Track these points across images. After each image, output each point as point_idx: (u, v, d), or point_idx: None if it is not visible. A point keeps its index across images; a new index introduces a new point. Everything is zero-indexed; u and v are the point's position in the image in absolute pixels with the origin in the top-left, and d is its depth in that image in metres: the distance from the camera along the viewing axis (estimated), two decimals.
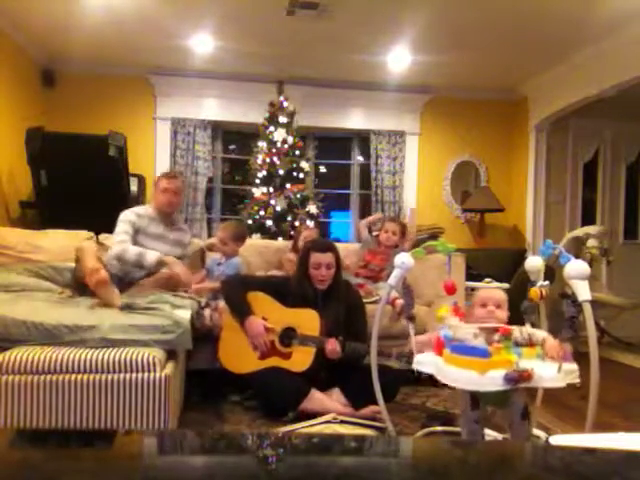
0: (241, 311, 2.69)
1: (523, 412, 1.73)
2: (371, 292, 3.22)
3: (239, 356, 2.68)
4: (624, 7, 3.64)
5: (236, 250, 3.17)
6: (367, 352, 2.37)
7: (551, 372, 1.60)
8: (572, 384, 1.64)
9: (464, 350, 1.66)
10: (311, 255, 2.67)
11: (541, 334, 1.79)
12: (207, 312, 2.81)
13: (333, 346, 2.51)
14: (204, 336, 2.66)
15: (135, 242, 2.83)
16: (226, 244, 3.13)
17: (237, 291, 2.76)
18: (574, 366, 1.65)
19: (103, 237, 3.17)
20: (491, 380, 1.57)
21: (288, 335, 2.63)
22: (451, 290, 2.02)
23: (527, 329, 1.82)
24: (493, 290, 1.91)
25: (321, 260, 2.65)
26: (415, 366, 1.86)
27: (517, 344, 1.74)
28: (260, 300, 2.73)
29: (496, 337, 1.71)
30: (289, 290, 2.72)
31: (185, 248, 3.07)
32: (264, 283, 2.85)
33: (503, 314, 1.83)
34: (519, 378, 1.54)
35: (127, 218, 2.84)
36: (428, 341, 1.91)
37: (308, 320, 2.61)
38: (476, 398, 1.79)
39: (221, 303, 2.88)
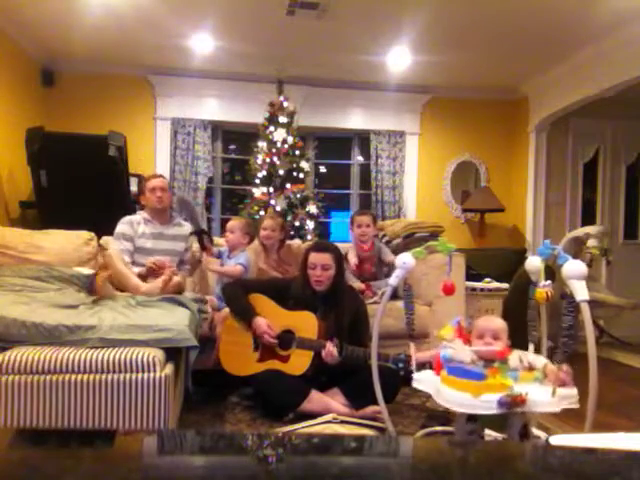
0: (246, 314, 2.69)
1: (521, 432, 1.73)
2: (376, 293, 3.21)
3: (238, 359, 2.68)
4: (624, 7, 3.64)
5: (243, 243, 3.18)
6: (366, 355, 2.37)
7: (545, 396, 1.59)
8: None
9: (460, 372, 1.67)
10: (309, 255, 2.68)
11: (542, 361, 1.76)
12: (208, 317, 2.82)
13: (330, 349, 2.46)
14: (204, 337, 2.66)
15: (135, 246, 3.03)
16: (233, 232, 3.17)
17: (239, 295, 2.76)
18: (573, 391, 1.64)
19: (104, 240, 3.17)
20: (485, 404, 1.57)
21: (286, 338, 2.61)
22: (449, 291, 2.02)
23: (528, 356, 1.78)
24: (491, 319, 1.87)
25: (317, 260, 2.64)
26: (414, 384, 1.87)
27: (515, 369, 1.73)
28: (259, 302, 2.73)
29: (495, 364, 1.70)
30: (290, 292, 2.72)
31: (187, 240, 3.20)
32: (265, 285, 2.85)
33: (501, 346, 1.76)
34: (512, 403, 1.53)
35: (120, 231, 3.04)
36: (429, 359, 1.90)
37: (306, 323, 2.59)
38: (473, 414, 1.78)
39: (224, 311, 2.89)
